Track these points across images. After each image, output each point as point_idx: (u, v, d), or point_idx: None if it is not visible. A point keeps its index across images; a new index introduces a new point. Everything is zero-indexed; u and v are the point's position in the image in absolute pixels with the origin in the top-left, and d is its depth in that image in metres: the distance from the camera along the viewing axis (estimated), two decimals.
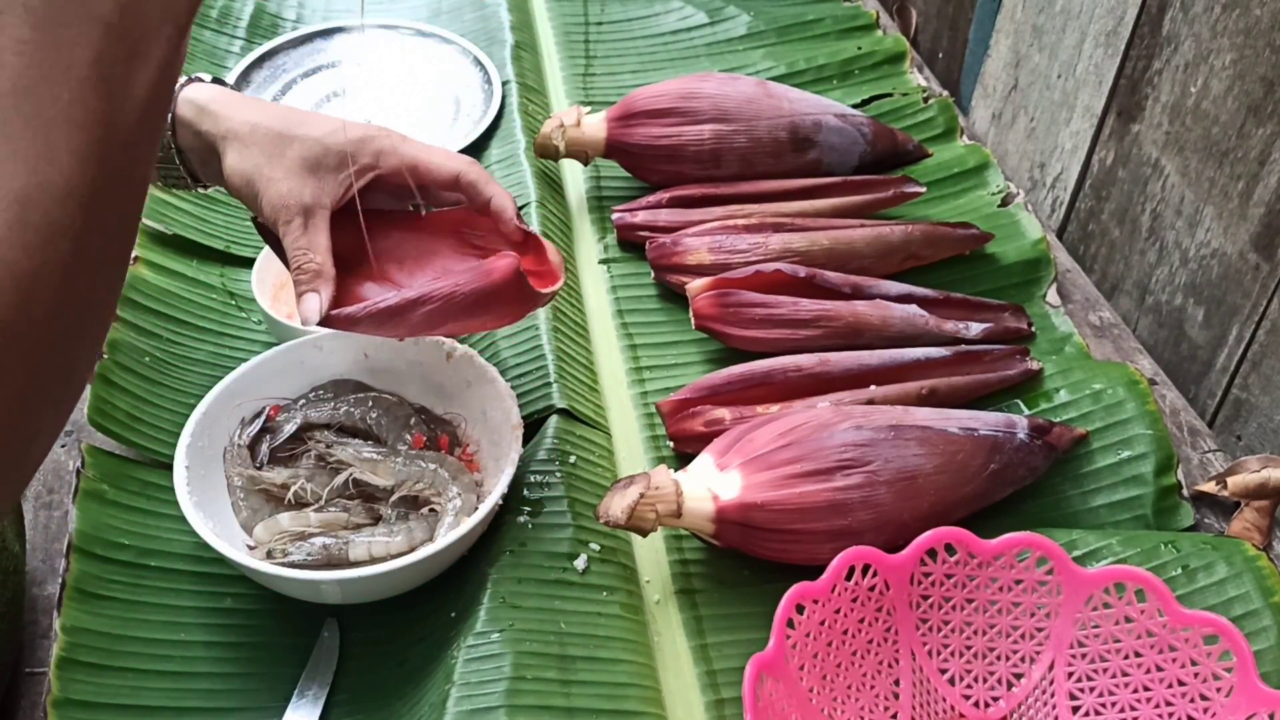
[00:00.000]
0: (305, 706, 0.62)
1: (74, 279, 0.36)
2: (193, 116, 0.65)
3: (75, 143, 0.36)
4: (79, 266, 0.36)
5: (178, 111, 0.65)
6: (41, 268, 0.35)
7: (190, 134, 0.66)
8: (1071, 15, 0.96)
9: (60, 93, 0.35)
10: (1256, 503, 0.74)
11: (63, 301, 0.36)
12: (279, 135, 0.64)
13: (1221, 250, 0.83)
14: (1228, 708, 0.58)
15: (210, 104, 0.65)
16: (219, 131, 0.65)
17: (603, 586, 0.67)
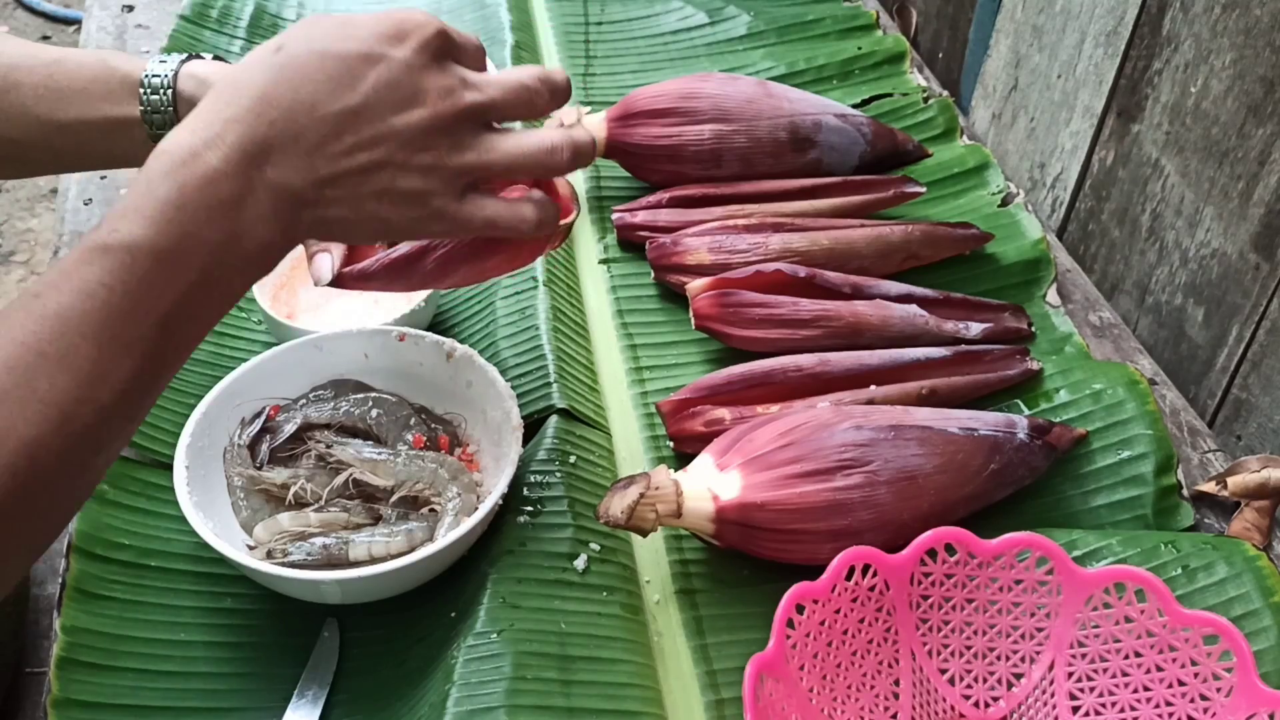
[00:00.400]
0: (305, 706, 0.62)
1: (77, 475, 0.43)
2: (195, 91, 0.63)
3: (128, 371, 0.42)
4: (87, 467, 0.43)
5: (178, 87, 0.63)
6: (54, 463, 0.41)
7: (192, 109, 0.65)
8: (1071, 15, 0.96)
9: (132, 331, 0.42)
10: (1256, 503, 0.74)
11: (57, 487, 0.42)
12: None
13: (1221, 250, 0.83)
14: (1228, 708, 0.58)
15: (212, 77, 0.64)
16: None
17: (603, 586, 0.67)
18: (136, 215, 0.44)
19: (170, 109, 0.64)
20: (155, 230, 0.44)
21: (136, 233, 0.43)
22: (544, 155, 0.53)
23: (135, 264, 0.43)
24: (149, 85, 0.63)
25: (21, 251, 2.05)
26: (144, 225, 0.44)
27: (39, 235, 2.07)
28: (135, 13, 1.15)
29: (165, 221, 0.44)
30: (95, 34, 1.12)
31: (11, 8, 2.59)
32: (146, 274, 0.43)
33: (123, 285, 0.43)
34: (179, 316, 0.45)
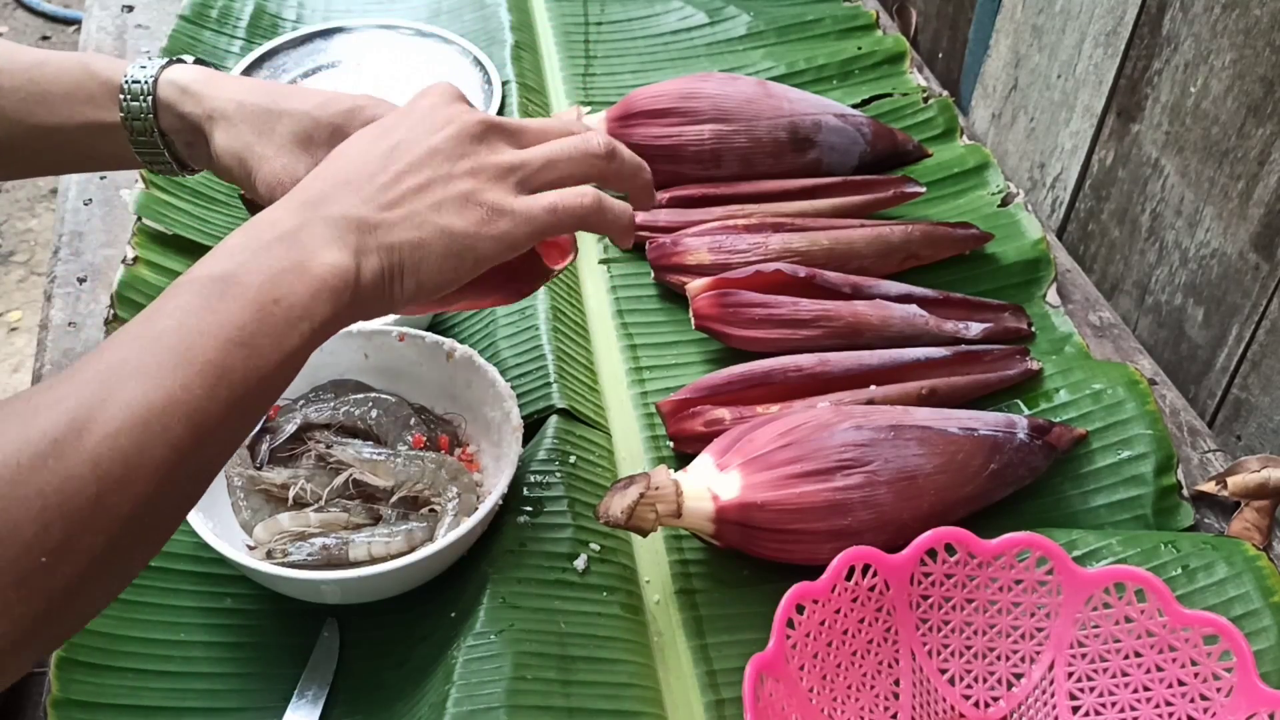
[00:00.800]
0: (305, 706, 0.62)
1: (166, 487, 0.43)
2: (175, 98, 0.64)
3: (206, 383, 0.44)
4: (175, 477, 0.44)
5: (159, 94, 0.64)
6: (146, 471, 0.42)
7: (173, 116, 0.64)
8: (1071, 15, 0.96)
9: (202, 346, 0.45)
10: (1256, 503, 0.74)
11: (151, 501, 0.43)
12: (266, 111, 0.63)
13: (1221, 250, 0.83)
14: (1228, 708, 0.58)
15: (193, 84, 0.64)
16: (203, 111, 0.63)
17: (603, 586, 0.67)
18: (226, 255, 0.48)
19: (150, 115, 0.64)
20: (222, 259, 0.48)
21: (227, 266, 0.48)
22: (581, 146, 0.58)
23: (227, 293, 0.46)
24: (129, 91, 0.63)
25: (21, 251, 2.05)
26: (213, 260, 0.48)
27: (39, 235, 2.07)
28: (135, 13, 1.15)
29: (230, 254, 0.48)
30: (95, 34, 1.12)
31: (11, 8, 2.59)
32: (212, 296, 0.46)
33: (195, 306, 0.46)
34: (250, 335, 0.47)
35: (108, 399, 0.42)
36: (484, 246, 0.54)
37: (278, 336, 0.47)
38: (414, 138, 0.54)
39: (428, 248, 0.53)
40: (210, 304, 0.46)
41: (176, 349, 0.44)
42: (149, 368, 0.43)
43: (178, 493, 0.45)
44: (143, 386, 0.43)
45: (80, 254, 0.89)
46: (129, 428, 0.42)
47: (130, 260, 0.84)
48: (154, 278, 0.84)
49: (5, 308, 1.94)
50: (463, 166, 0.54)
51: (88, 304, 0.85)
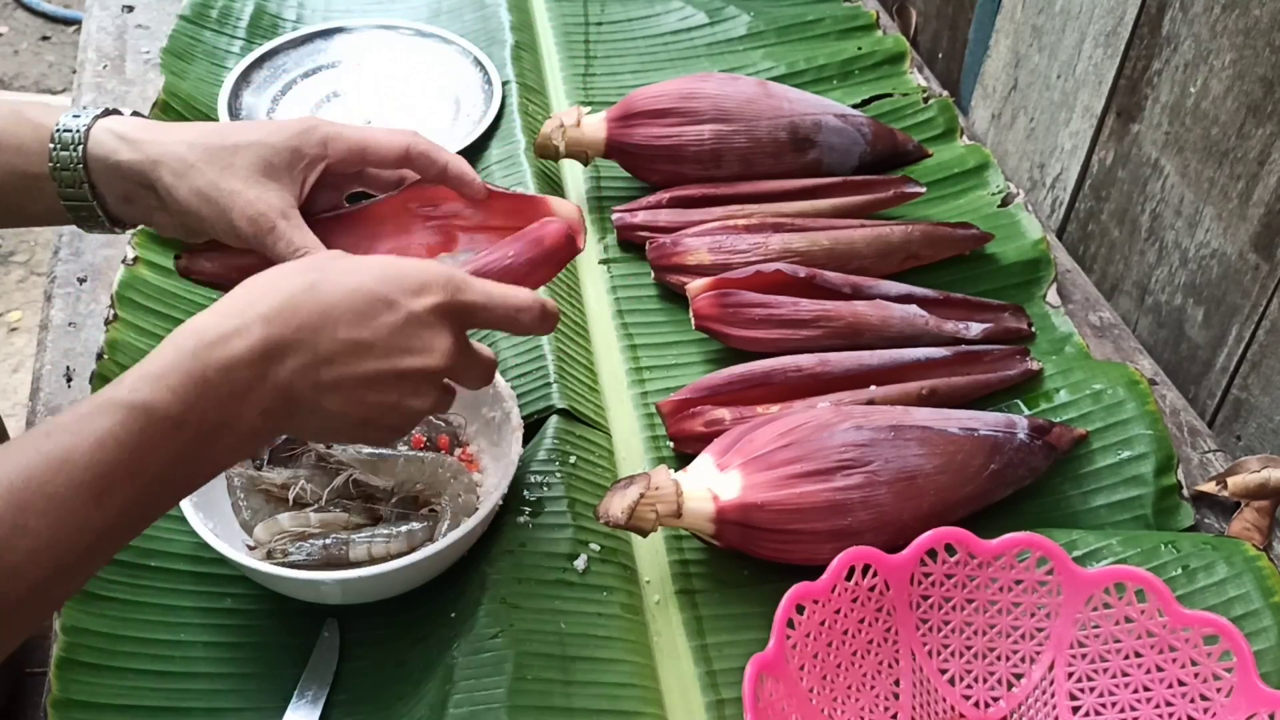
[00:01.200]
0: (305, 706, 0.62)
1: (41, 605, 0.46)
2: (111, 146, 0.62)
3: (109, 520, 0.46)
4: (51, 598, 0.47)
5: (91, 144, 0.61)
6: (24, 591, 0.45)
7: (107, 167, 0.62)
8: (1071, 15, 0.96)
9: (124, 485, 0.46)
10: (1256, 503, 0.74)
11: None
12: (220, 148, 0.62)
13: (1221, 250, 0.83)
14: (1228, 708, 0.58)
15: (132, 132, 0.62)
16: (147, 158, 0.62)
17: (603, 586, 0.67)
18: (159, 382, 0.48)
19: (80, 166, 0.61)
20: (172, 399, 0.48)
21: (155, 398, 0.47)
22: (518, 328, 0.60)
23: (147, 425, 0.47)
24: (58, 140, 0.61)
25: (21, 251, 2.05)
26: (163, 393, 0.48)
27: (39, 235, 2.07)
28: (135, 13, 1.15)
29: (183, 394, 0.48)
30: (95, 34, 1.12)
31: (11, 8, 2.59)
32: (152, 436, 0.47)
33: (131, 441, 0.47)
34: (165, 480, 0.49)
35: (21, 527, 0.44)
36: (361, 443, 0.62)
37: (195, 477, 0.50)
38: (383, 347, 0.53)
39: (321, 436, 0.57)
40: (141, 442, 0.47)
41: (91, 484, 0.46)
42: (63, 501, 0.45)
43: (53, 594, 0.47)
44: (50, 524, 0.45)
45: (80, 254, 0.89)
46: (29, 564, 0.44)
47: (130, 260, 0.84)
48: (154, 278, 0.84)
49: (5, 308, 1.94)
50: (406, 405, 0.55)
51: (88, 304, 0.85)
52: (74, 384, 0.79)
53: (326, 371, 0.52)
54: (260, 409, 0.51)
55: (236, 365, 0.49)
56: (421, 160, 0.66)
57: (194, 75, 1.05)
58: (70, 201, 0.63)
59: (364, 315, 0.53)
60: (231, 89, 1.02)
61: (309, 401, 0.52)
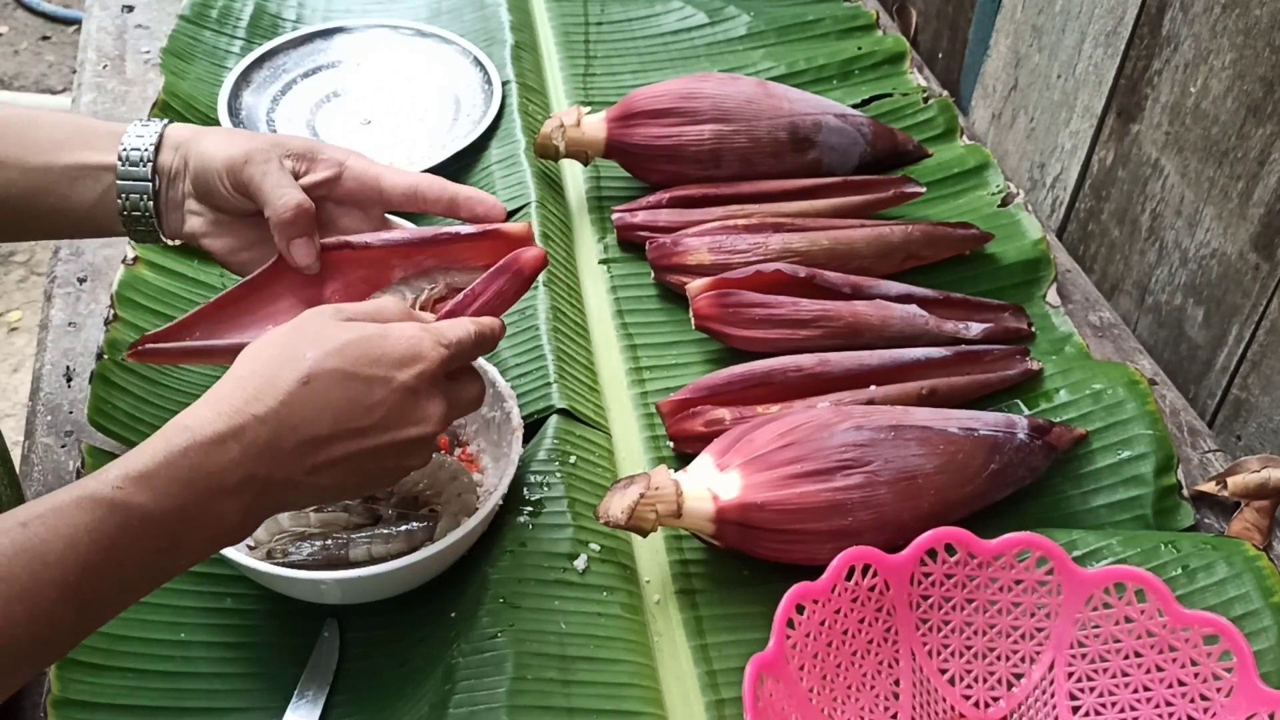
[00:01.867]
0: (305, 706, 0.62)
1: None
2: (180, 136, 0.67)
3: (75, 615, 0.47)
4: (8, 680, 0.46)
5: (166, 132, 0.66)
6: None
7: (171, 148, 0.66)
8: (1071, 15, 0.96)
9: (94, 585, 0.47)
10: (1256, 503, 0.74)
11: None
12: (246, 133, 0.67)
13: (1221, 250, 0.83)
14: (1228, 708, 0.58)
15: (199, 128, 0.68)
16: (196, 135, 0.66)
17: (603, 586, 0.67)
18: (145, 482, 0.48)
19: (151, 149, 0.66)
20: (154, 499, 0.48)
21: (137, 498, 0.48)
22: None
23: (124, 523, 0.47)
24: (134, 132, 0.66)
25: (21, 251, 2.05)
26: (146, 493, 0.48)
27: None
28: (135, 13, 1.15)
29: (166, 494, 0.48)
30: (95, 34, 1.12)
31: (11, 8, 2.59)
32: (129, 534, 0.47)
33: (107, 540, 0.47)
34: (139, 574, 0.49)
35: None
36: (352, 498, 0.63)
37: (153, 577, 0.50)
38: (380, 428, 0.55)
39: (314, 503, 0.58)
40: (119, 541, 0.47)
41: (61, 581, 0.45)
42: (31, 594, 0.45)
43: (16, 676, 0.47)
44: (17, 614, 0.44)
45: (80, 254, 0.89)
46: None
47: (130, 260, 0.84)
48: (154, 278, 0.84)
49: (5, 308, 1.94)
50: (405, 465, 0.58)
51: (88, 304, 0.85)
52: (74, 384, 0.79)
53: (323, 455, 0.54)
54: (247, 505, 0.52)
55: (227, 469, 0.50)
56: (431, 193, 0.67)
57: (194, 75, 1.05)
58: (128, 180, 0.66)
59: (359, 400, 0.54)
60: (231, 89, 1.02)
61: (305, 485, 0.54)
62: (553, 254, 0.88)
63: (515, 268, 0.64)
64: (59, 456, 0.75)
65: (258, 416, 0.51)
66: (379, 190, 0.67)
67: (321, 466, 0.54)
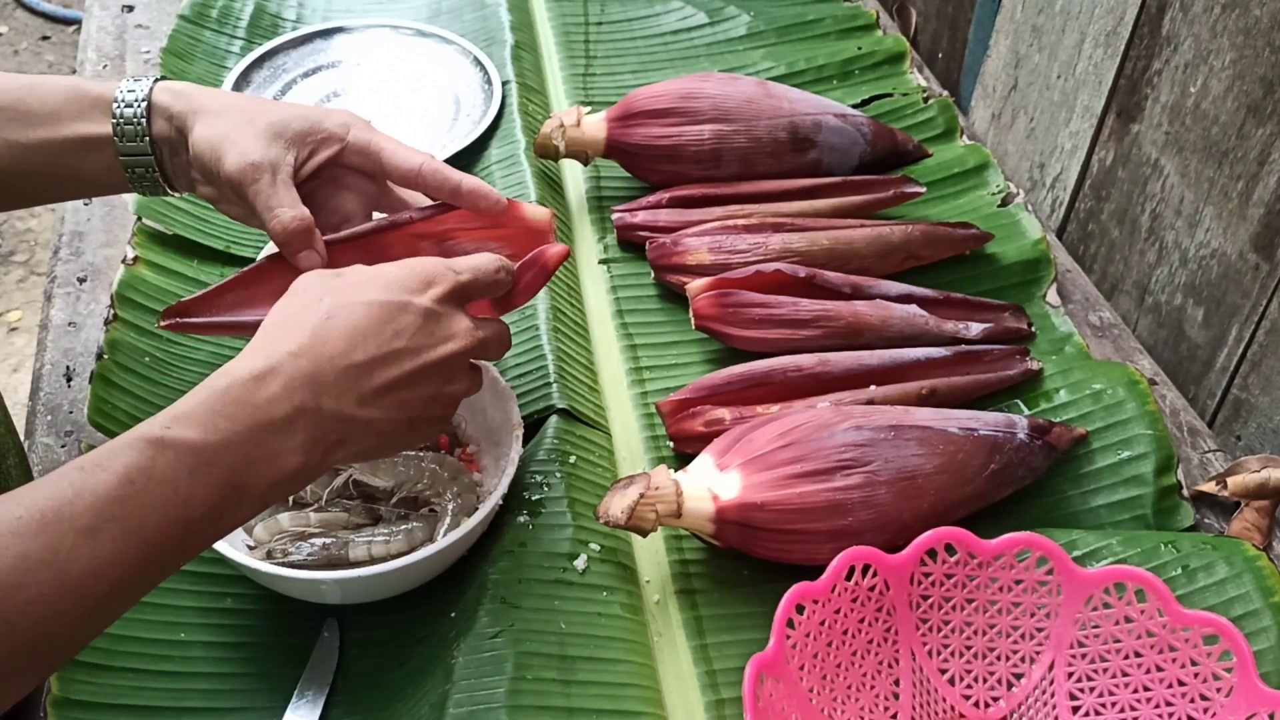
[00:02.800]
0: (305, 706, 0.62)
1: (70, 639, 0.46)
2: (168, 101, 0.66)
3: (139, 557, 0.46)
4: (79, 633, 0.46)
5: (154, 98, 0.66)
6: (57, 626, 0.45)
7: (163, 119, 0.66)
8: (1071, 15, 0.96)
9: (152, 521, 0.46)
10: (1256, 503, 0.74)
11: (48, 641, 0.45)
12: (249, 109, 0.66)
13: (1221, 250, 0.83)
14: (1228, 708, 0.58)
15: (185, 89, 0.67)
16: (190, 108, 0.66)
17: (603, 586, 0.67)
18: (189, 420, 0.49)
19: (143, 120, 0.65)
20: (203, 434, 0.49)
21: (184, 434, 0.48)
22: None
23: (175, 460, 0.47)
24: (122, 99, 0.65)
25: (21, 251, 2.05)
26: (197, 429, 0.48)
27: (39, 235, 2.07)
28: (135, 13, 1.15)
29: (213, 429, 0.49)
30: (95, 34, 1.12)
31: (11, 8, 2.59)
32: (180, 470, 0.48)
33: (158, 475, 0.47)
34: (200, 518, 0.49)
35: (47, 561, 0.43)
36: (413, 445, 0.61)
37: (221, 520, 0.50)
38: (409, 348, 0.56)
39: (377, 450, 0.57)
40: (173, 477, 0.47)
41: (123, 519, 0.45)
42: (93, 534, 0.45)
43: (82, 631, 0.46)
44: (79, 558, 0.44)
45: (80, 254, 0.89)
46: (57, 596, 0.44)
47: (130, 260, 0.84)
48: (154, 278, 0.84)
49: (5, 308, 1.94)
50: (447, 391, 0.58)
51: (88, 304, 0.85)
52: (74, 384, 0.79)
53: (367, 384, 0.54)
54: (303, 442, 0.52)
55: (273, 401, 0.51)
56: (435, 178, 0.67)
57: (194, 75, 1.05)
58: (130, 156, 0.66)
59: (386, 324, 0.55)
60: (231, 89, 1.02)
61: (359, 420, 0.54)
62: None
63: (540, 263, 0.65)
64: (59, 456, 0.75)
65: (291, 352, 0.53)
66: (380, 164, 0.68)
67: (368, 397, 0.54)
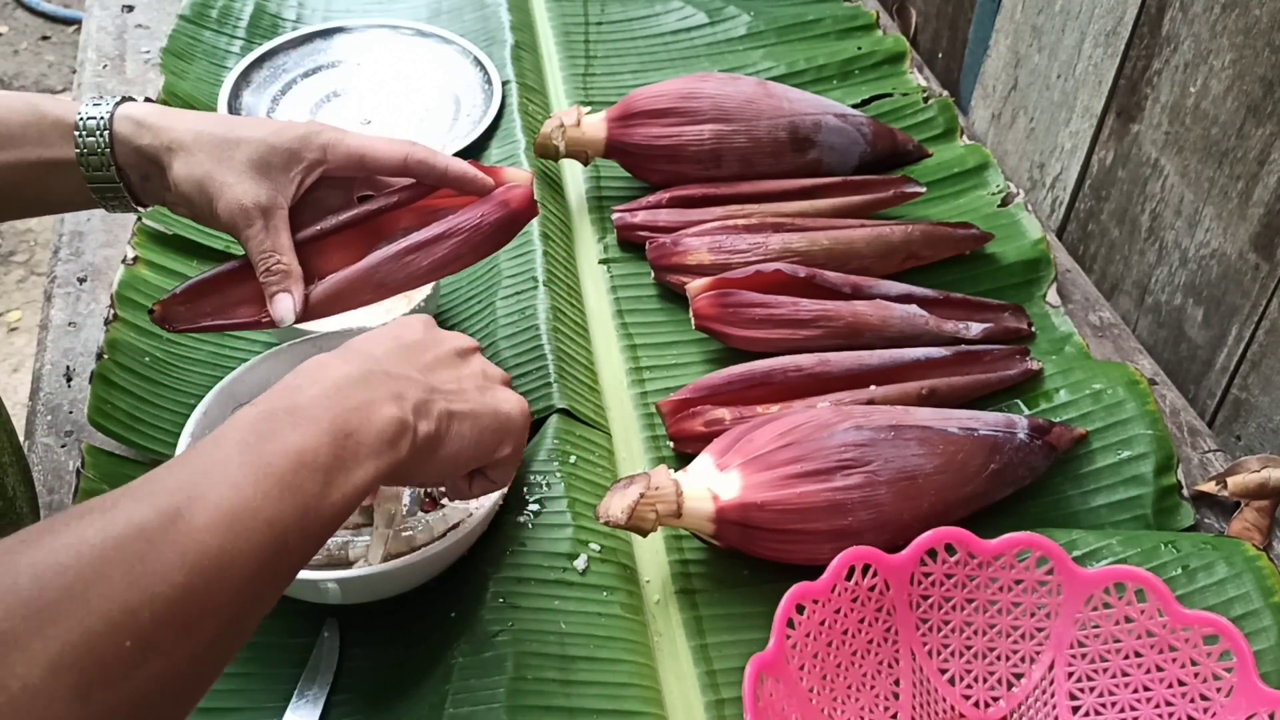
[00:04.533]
0: (305, 706, 0.62)
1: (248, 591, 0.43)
2: (130, 132, 0.64)
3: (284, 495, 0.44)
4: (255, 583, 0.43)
5: (115, 128, 0.64)
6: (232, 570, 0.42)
7: (129, 150, 0.64)
8: (1071, 15, 0.96)
9: (281, 464, 0.44)
10: (1256, 503, 0.74)
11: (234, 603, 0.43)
12: (224, 140, 0.64)
13: (1221, 250, 0.83)
14: (1228, 708, 0.58)
15: (148, 118, 0.65)
16: (161, 143, 0.64)
17: (603, 586, 0.67)
18: (269, 395, 0.49)
19: (107, 150, 0.64)
20: (286, 396, 0.49)
21: (269, 401, 0.48)
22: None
23: (272, 418, 0.46)
24: (83, 127, 0.64)
25: (21, 251, 2.05)
26: (273, 397, 0.48)
27: (39, 235, 2.07)
28: (135, 13, 1.15)
29: (293, 392, 0.49)
30: (95, 34, 1.12)
31: (11, 8, 2.59)
32: (283, 424, 0.46)
33: (266, 430, 0.46)
34: (323, 462, 0.47)
35: (195, 498, 0.41)
36: (518, 424, 0.58)
37: (347, 470, 0.47)
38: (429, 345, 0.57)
39: (477, 419, 0.55)
40: (281, 430, 0.46)
41: (254, 465, 0.44)
42: (231, 474, 0.43)
43: (256, 598, 0.44)
44: (227, 490, 0.42)
45: (80, 254, 0.89)
46: (217, 525, 0.41)
47: (130, 260, 0.84)
48: (154, 278, 0.84)
49: (5, 308, 1.94)
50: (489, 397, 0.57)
51: (88, 304, 0.85)
52: (74, 384, 0.79)
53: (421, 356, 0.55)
54: (387, 395, 0.51)
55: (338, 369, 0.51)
56: (421, 168, 0.68)
57: (194, 75, 1.05)
58: (97, 184, 0.65)
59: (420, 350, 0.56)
60: (231, 89, 1.02)
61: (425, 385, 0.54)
62: (553, 254, 0.88)
63: (500, 199, 0.66)
64: (59, 456, 0.75)
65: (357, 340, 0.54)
66: (364, 167, 0.67)
67: (429, 366, 0.55)
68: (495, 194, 0.68)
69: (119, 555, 0.38)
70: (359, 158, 0.67)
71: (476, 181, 0.68)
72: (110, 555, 0.38)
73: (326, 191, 0.69)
